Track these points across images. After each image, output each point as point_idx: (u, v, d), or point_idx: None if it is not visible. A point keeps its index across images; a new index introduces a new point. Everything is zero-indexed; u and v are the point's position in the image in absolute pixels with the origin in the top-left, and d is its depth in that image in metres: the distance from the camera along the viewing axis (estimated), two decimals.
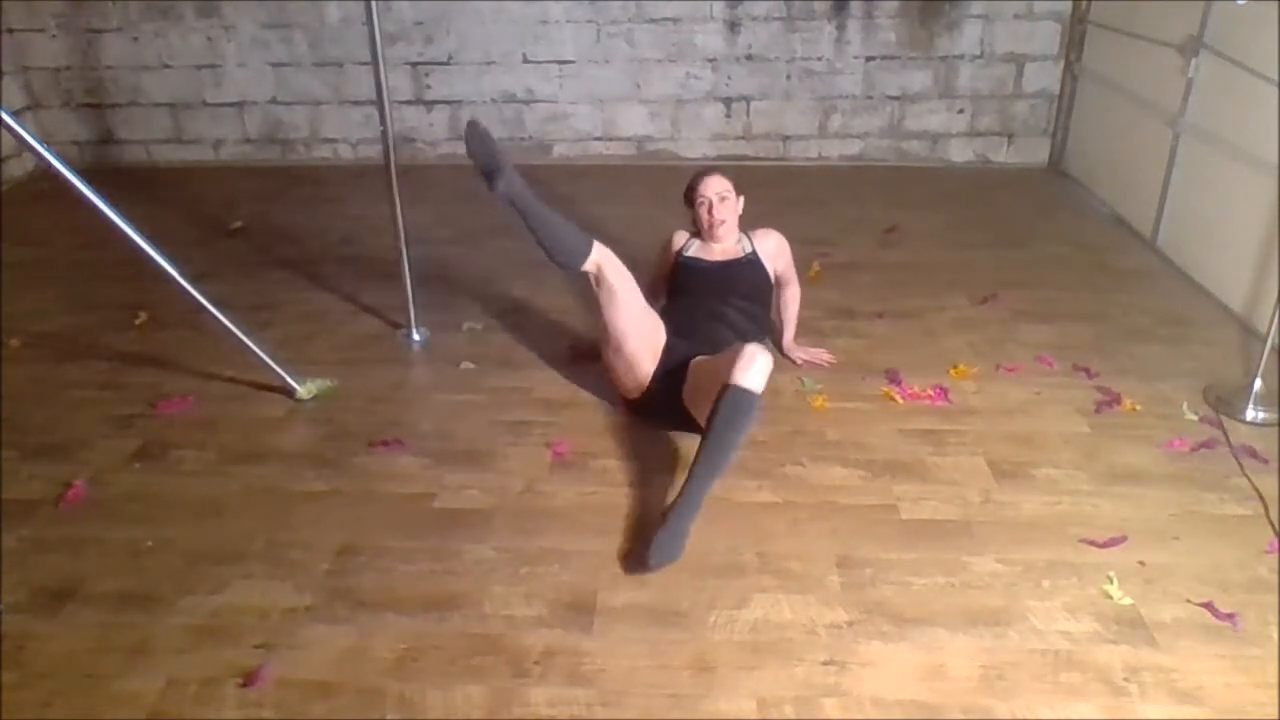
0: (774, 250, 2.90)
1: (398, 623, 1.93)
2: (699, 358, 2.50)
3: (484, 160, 2.42)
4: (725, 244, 2.87)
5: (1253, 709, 1.73)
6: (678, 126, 4.87)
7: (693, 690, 1.77)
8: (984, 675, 1.80)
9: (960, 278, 3.52)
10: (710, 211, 2.80)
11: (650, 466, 2.44)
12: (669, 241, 2.95)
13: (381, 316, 3.27)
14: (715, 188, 2.81)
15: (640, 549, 2.07)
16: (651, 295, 2.94)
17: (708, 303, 2.72)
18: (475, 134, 2.46)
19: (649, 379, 2.55)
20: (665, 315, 2.76)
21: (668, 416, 2.54)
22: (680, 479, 2.36)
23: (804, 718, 1.71)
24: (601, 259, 2.45)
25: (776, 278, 2.92)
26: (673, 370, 2.52)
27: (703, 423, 2.23)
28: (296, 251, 3.84)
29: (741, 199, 2.88)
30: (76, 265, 3.70)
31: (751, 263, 2.84)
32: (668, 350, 2.56)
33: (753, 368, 2.17)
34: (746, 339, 2.63)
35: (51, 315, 3.30)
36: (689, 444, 2.49)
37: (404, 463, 2.47)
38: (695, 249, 2.88)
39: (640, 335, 2.54)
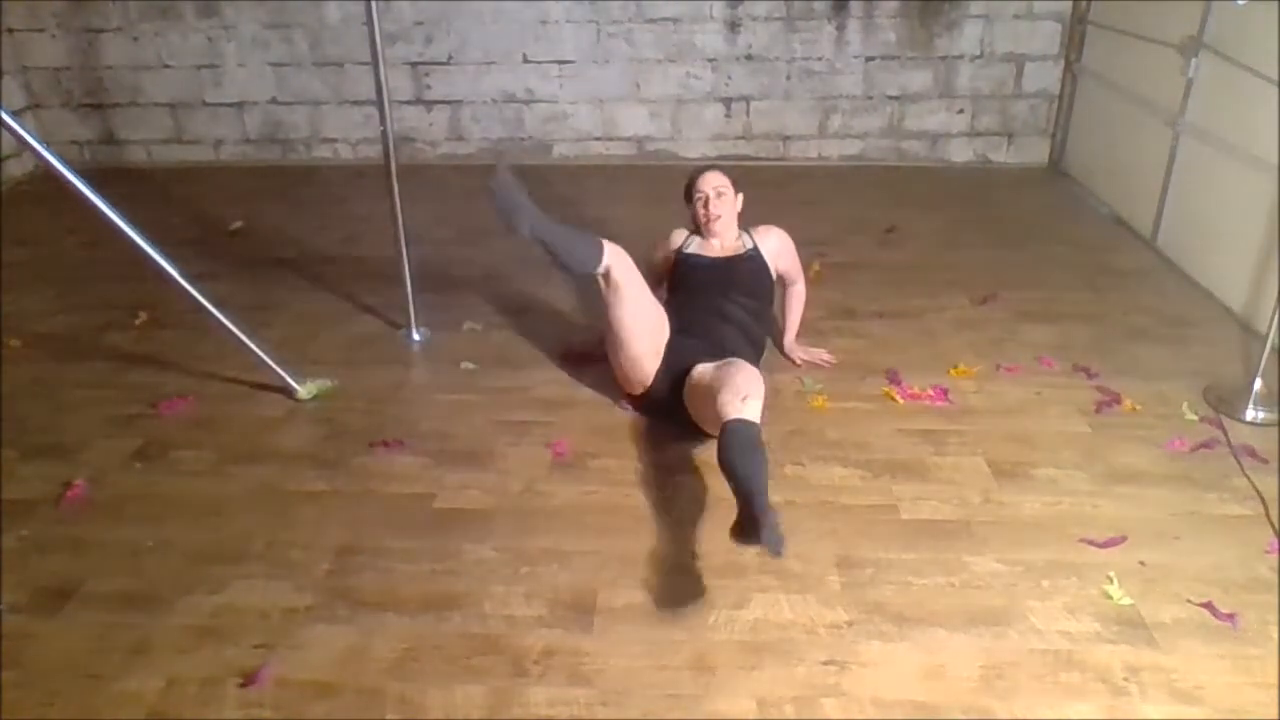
0: (776, 248, 2.90)
1: (398, 623, 1.93)
2: (697, 368, 2.46)
3: (509, 208, 2.46)
4: (725, 240, 2.86)
5: (1253, 709, 1.73)
6: (678, 126, 4.87)
7: (693, 690, 1.77)
8: (984, 675, 1.80)
9: (960, 278, 3.52)
10: (707, 206, 2.81)
11: (650, 466, 2.43)
12: (666, 240, 2.94)
13: (381, 316, 3.27)
14: (712, 182, 2.83)
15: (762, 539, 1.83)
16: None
17: (710, 300, 2.71)
18: (505, 187, 2.46)
19: (651, 378, 2.55)
20: (668, 312, 2.77)
21: (670, 414, 2.55)
22: (679, 479, 2.37)
23: (804, 718, 1.71)
24: (612, 261, 2.48)
25: (780, 276, 2.92)
26: (676, 371, 2.52)
27: (709, 429, 2.27)
28: (296, 251, 3.84)
29: (740, 196, 2.89)
30: (76, 265, 3.70)
31: (753, 259, 2.84)
32: (671, 349, 2.56)
33: (745, 407, 2.13)
34: (750, 335, 2.65)
35: (51, 315, 3.30)
36: (689, 444, 2.50)
37: (404, 463, 2.46)
38: (695, 246, 2.88)
39: (644, 335, 2.54)
